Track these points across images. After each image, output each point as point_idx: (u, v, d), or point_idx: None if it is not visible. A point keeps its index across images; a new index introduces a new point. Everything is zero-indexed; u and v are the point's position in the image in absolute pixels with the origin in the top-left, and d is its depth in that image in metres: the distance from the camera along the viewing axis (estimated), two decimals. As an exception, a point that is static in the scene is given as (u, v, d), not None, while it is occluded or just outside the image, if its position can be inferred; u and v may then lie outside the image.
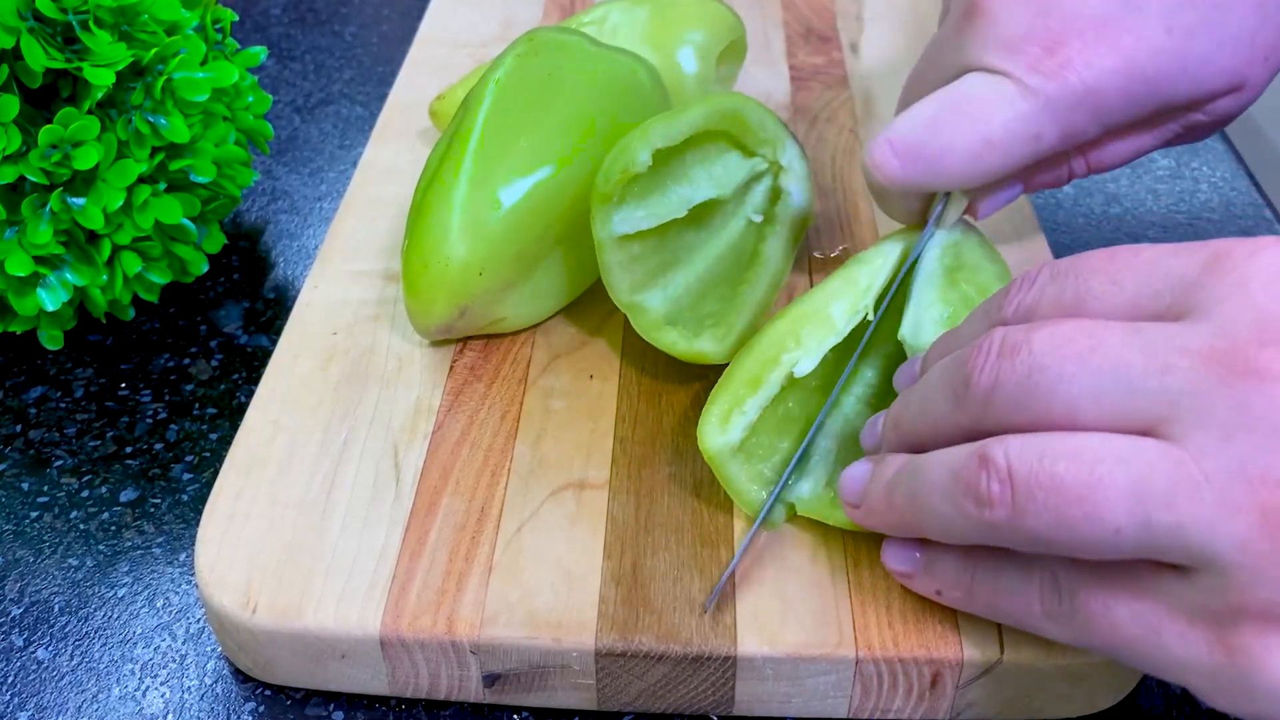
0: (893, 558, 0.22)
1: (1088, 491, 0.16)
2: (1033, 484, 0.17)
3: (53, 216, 0.28)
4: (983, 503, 0.18)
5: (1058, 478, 0.17)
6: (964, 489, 0.18)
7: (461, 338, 0.28)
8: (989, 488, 0.17)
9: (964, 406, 0.19)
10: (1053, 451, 0.17)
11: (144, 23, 0.29)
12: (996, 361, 0.18)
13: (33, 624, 0.24)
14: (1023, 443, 0.17)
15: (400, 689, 0.23)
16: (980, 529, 0.18)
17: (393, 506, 0.24)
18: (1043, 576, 0.19)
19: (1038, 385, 0.17)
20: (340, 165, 0.39)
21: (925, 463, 0.19)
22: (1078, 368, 0.17)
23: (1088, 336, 0.17)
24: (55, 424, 0.29)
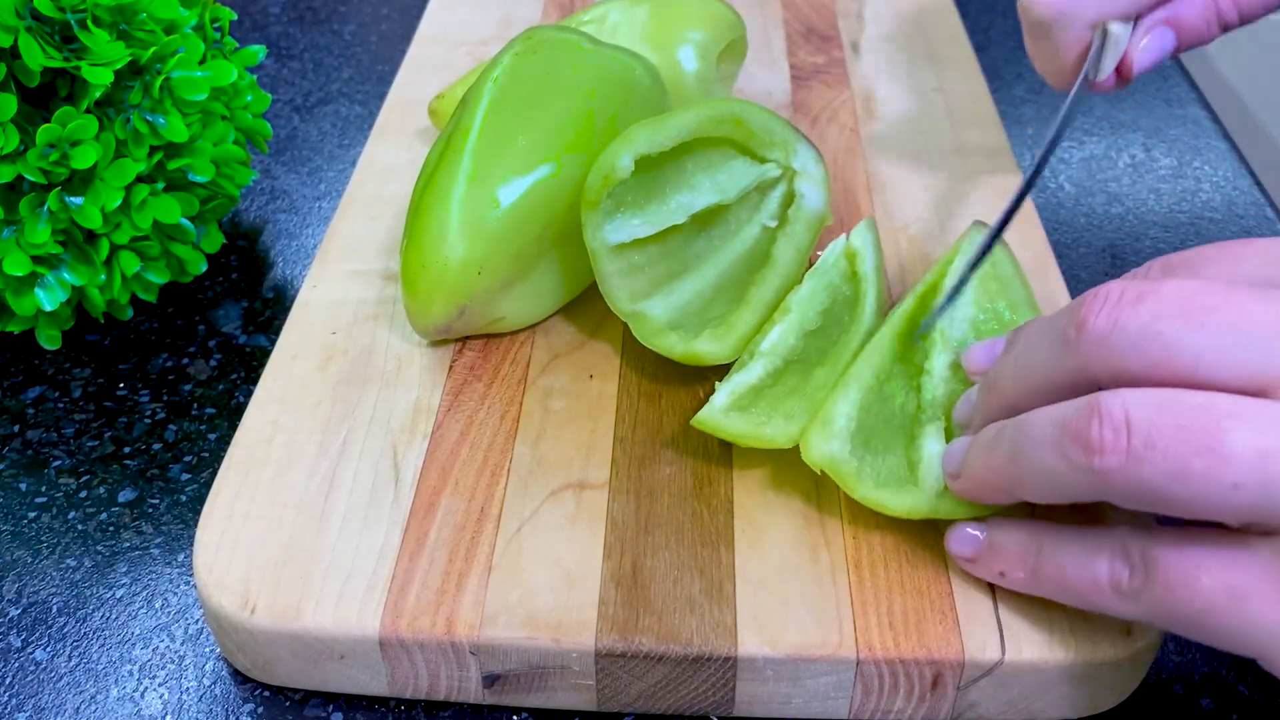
0: (955, 541, 0.21)
1: (1214, 443, 0.16)
2: (1153, 432, 0.17)
3: (51, 216, 0.28)
4: (1093, 449, 0.17)
5: (1183, 427, 0.16)
6: (1073, 437, 0.17)
7: (461, 337, 0.28)
8: (1101, 434, 0.17)
9: (1073, 351, 0.18)
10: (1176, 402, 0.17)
11: (142, 21, 0.28)
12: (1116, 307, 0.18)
13: (31, 625, 0.24)
14: (1141, 394, 0.17)
15: (399, 690, 0.23)
16: (1087, 479, 0.18)
17: (392, 507, 0.24)
18: (1112, 548, 0.19)
19: (1161, 334, 0.17)
20: (339, 164, 0.39)
21: (1029, 417, 0.19)
22: (1205, 318, 0.17)
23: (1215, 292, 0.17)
24: (53, 424, 0.29)
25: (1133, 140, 0.40)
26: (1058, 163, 0.39)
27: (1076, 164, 0.39)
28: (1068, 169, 0.38)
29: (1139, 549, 0.18)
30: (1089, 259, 0.35)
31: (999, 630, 0.21)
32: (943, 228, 0.32)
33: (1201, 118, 0.41)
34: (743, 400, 0.24)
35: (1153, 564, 0.18)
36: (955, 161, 0.35)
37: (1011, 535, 0.21)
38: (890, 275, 0.30)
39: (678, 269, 0.26)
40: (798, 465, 0.25)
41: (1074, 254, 0.35)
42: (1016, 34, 0.46)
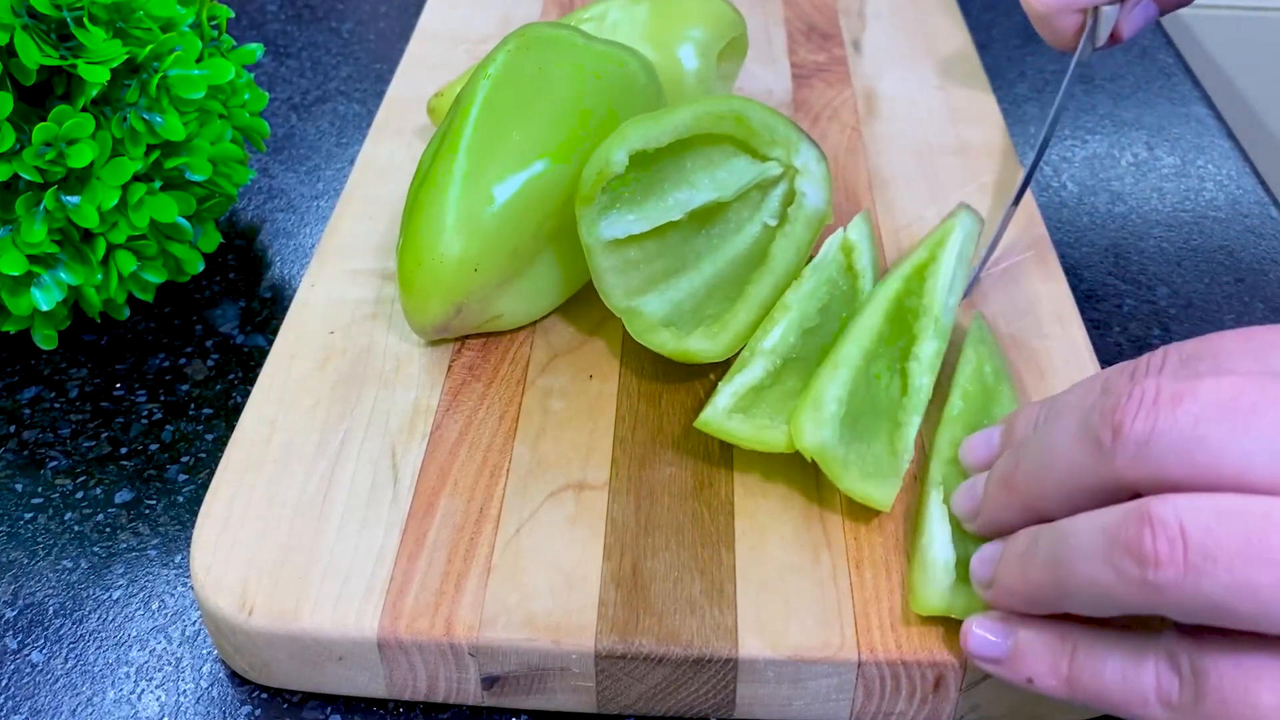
0: (976, 642, 0.19)
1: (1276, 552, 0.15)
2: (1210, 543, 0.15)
3: (47, 215, 0.27)
4: (1147, 562, 0.16)
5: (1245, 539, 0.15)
6: (1123, 549, 0.16)
7: (459, 337, 0.28)
8: (1155, 546, 0.16)
9: (1106, 457, 0.17)
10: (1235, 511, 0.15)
11: (139, 19, 0.28)
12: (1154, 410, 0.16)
13: (27, 627, 0.24)
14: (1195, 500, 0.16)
15: (398, 692, 0.22)
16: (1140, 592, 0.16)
17: (390, 507, 0.24)
18: (1158, 657, 0.17)
19: (1205, 439, 0.16)
20: (337, 163, 0.39)
21: (1068, 526, 0.18)
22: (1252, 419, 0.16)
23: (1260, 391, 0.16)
24: (49, 425, 0.29)
25: (1136, 139, 0.40)
26: (1060, 161, 0.39)
27: (1079, 163, 0.39)
28: (1070, 167, 0.38)
29: (1188, 658, 0.17)
30: (1092, 258, 0.34)
31: (1002, 632, 0.21)
32: (944, 226, 0.32)
33: (1205, 116, 0.41)
34: (744, 401, 0.24)
35: (1204, 676, 0.16)
36: (957, 160, 0.35)
37: (1041, 638, 0.19)
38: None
39: (675, 266, 0.26)
40: (799, 466, 0.25)
41: (1077, 253, 0.35)
42: (1018, 32, 0.46)
